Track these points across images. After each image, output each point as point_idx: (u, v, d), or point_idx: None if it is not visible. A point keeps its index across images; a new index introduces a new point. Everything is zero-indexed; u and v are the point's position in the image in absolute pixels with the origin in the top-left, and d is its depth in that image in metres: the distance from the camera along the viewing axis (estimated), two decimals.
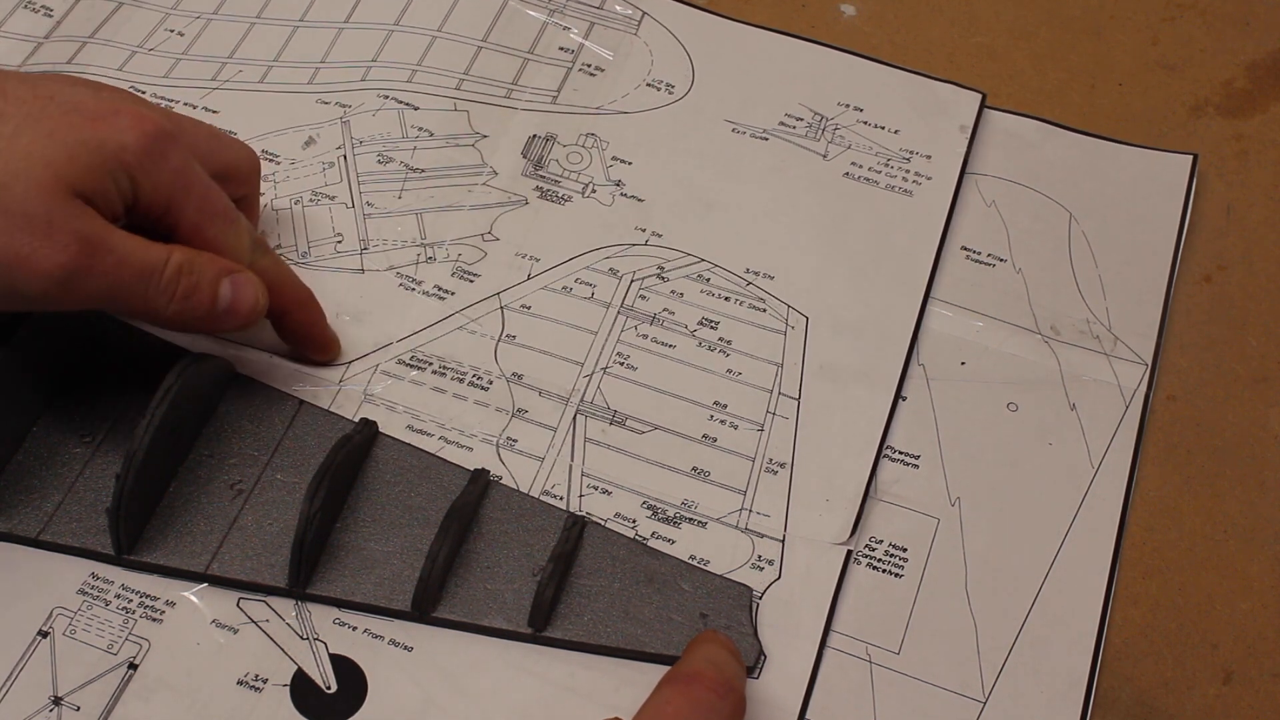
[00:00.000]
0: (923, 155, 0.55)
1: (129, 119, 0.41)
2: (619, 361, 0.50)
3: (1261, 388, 0.51)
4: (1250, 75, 0.59)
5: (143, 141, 0.41)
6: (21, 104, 0.40)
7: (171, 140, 0.42)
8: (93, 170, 0.40)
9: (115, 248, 0.40)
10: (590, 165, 0.55)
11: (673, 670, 0.40)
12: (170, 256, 0.42)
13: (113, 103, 0.41)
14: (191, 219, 0.43)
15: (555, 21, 0.59)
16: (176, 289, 0.42)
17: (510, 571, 0.44)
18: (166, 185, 0.42)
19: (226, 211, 0.44)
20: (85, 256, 0.39)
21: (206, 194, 0.43)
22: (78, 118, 0.40)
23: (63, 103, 0.40)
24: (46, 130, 0.39)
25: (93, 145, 0.40)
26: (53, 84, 0.41)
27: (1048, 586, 0.46)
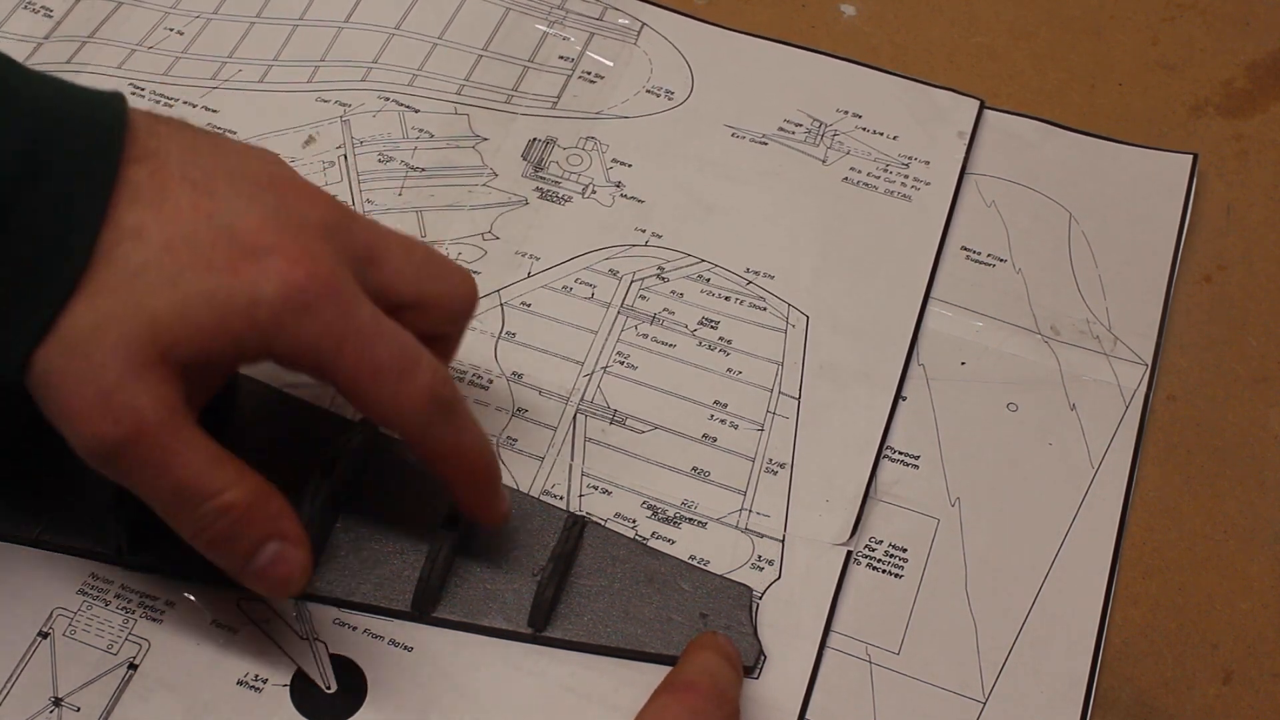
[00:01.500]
0: (921, 161, 0.55)
1: (280, 263, 0.35)
2: (619, 361, 0.50)
3: (1261, 388, 0.51)
4: (1250, 75, 0.59)
5: (283, 295, 0.35)
6: (172, 221, 0.35)
7: (329, 294, 0.36)
8: (203, 329, 0.35)
9: (167, 446, 0.35)
10: (590, 167, 0.55)
11: (669, 678, 0.40)
12: (225, 493, 0.36)
13: (276, 235, 0.36)
14: (347, 377, 0.37)
15: (555, 32, 0.59)
16: (211, 528, 0.37)
17: (510, 571, 0.44)
18: (311, 343, 0.36)
19: (395, 366, 0.37)
20: (128, 442, 0.35)
21: (368, 348, 0.36)
22: (220, 255, 0.35)
23: (217, 226, 0.35)
24: (174, 272, 0.34)
25: (217, 300, 0.35)
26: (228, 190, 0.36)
27: (1048, 586, 0.46)
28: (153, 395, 0.34)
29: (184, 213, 0.35)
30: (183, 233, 0.35)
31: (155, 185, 0.35)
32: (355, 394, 0.37)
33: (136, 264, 0.34)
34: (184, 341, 0.35)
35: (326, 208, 0.38)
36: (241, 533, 0.37)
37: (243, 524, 0.37)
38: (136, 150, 0.35)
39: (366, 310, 0.37)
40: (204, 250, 0.35)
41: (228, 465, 0.37)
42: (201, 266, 0.35)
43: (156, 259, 0.34)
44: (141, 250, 0.34)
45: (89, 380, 0.34)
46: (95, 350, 0.34)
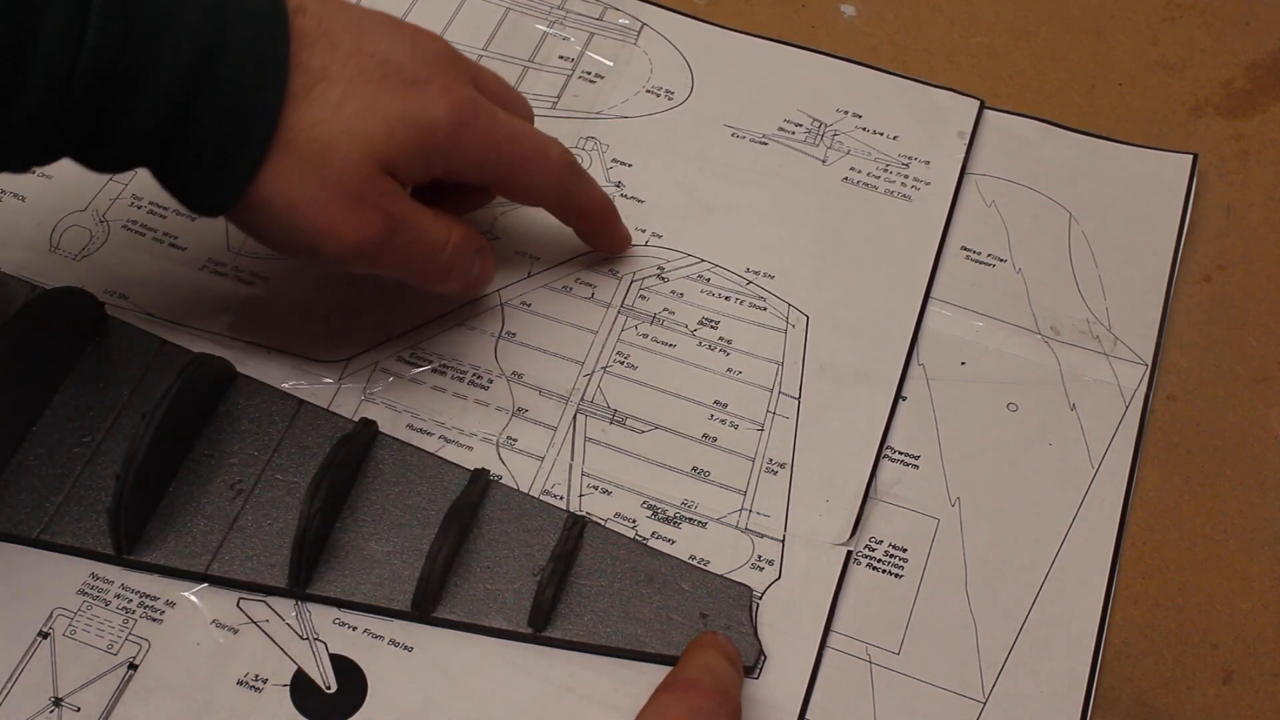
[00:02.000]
0: (921, 161, 0.55)
1: (439, 91, 0.42)
2: (619, 361, 0.50)
3: (1261, 388, 0.51)
4: (1250, 75, 0.59)
5: (452, 116, 0.42)
6: (348, 61, 0.41)
7: (477, 109, 0.43)
8: (405, 148, 0.41)
9: (412, 226, 0.43)
10: (590, 167, 0.55)
11: (670, 677, 0.40)
12: (450, 237, 0.45)
13: (426, 66, 0.42)
14: (505, 174, 0.45)
15: (555, 31, 0.59)
16: (451, 268, 0.45)
17: (510, 571, 0.44)
18: (476, 155, 0.43)
19: (536, 152, 0.45)
20: (388, 233, 0.42)
21: (515, 144, 0.44)
22: (396, 84, 0.41)
23: (382, 62, 0.41)
24: (368, 100, 0.41)
25: (409, 120, 0.41)
26: (374, 33, 0.42)
27: (1048, 586, 0.46)
28: (391, 194, 0.42)
29: (354, 54, 0.41)
30: (360, 69, 0.41)
31: (322, 31, 0.41)
32: (513, 186, 0.46)
33: (335, 98, 0.40)
34: (394, 155, 0.41)
35: (439, 40, 0.45)
36: (466, 260, 0.46)
37: (467, 253, 0.46)
38: (294, 2, 0.41)
39: (502, 115, 0.44)
40: (382, 82, 0.41)
41: (440, 217, 0.45)
42: (387, 95, 0.41)
43: (350, 92, 0.40)
44: (335, 86, 0.40)
45: (336, 198, 0.40)
46: (330, 171, 0.40)
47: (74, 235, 0.52)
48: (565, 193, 0.47)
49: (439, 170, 0.43)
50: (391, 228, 0.42)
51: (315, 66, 0.40)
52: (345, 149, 0.40)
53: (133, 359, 0.48)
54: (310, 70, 0.40)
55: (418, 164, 0.42)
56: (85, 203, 0.53)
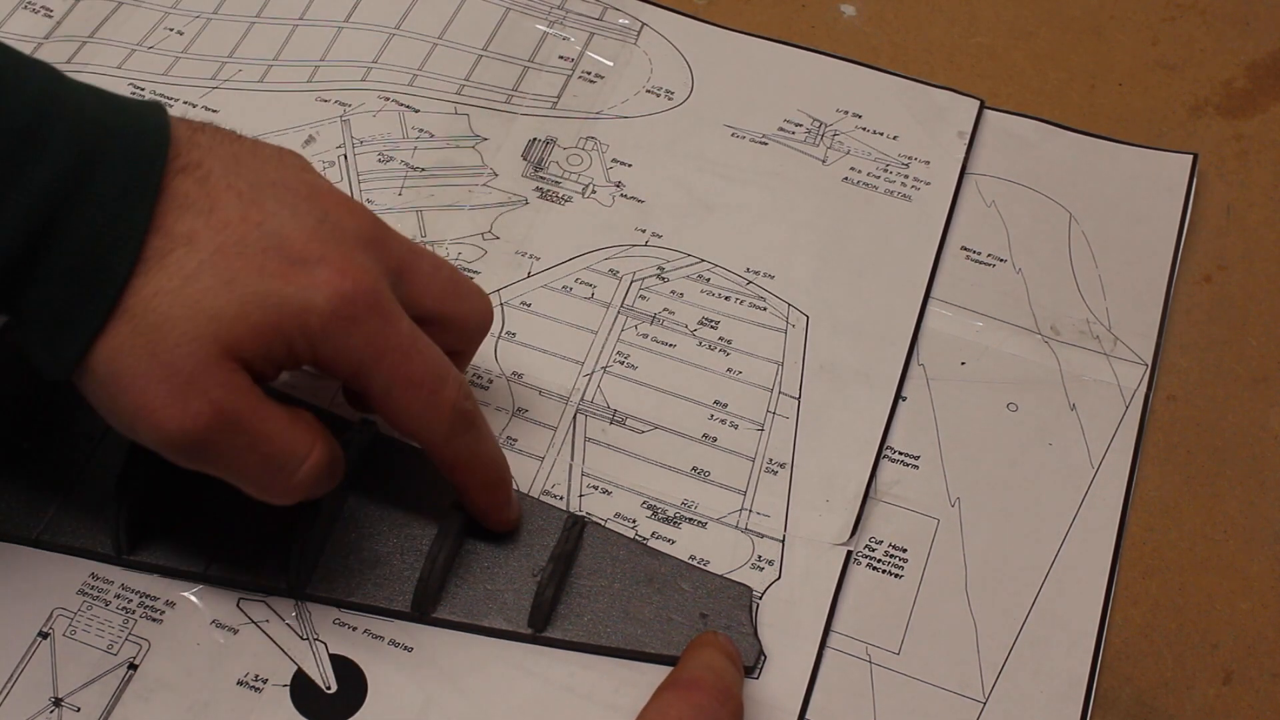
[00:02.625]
0: (921, 161, 0.55)
1: (329, 274, 0.37)
2: (619, 361, 0.50)
3: (1261, 388, 0.51)
4: (1250, 75, 0.59)
5: (333, 305, 0.37)
6: (223, 229, 0.36)
7: (372, 306, 0.38)
8: (261, 331, 0.36)
9: (251, 429, 0.37)
10: (590, 167, 0.55)
11: (672, 676, 0.40)
12: (310, 454, 0.38)
13: (326, 245, 0.37)
14: (381, 387, 0.39)
15: (555, 32, 0.59)
16: (300, 489, 0.39)
17: (510, 572, 0.44)
18: (354, 353, 0.38)
19: (427, 380, 0.39)
20: (215, 430, 0.36)
21: (405, 361, 0.38)
22: (272, 262, 0.36)
23: (267, 234, 0.37)
24: (228, 275, 0.36)
25: (272, 303, 0.36)
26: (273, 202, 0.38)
27: (1048, 586, 0.46)
28: (228, 384, 0.36)
29: (233, 222, 0.37)
30: (234, 239, 0.36)
31: (203, 194, 0.37)
32: (386, 404, 0.39)
33: (191, 268, 0.36)
34: (245, 339, 0.36)
35: (364, 219, 0.40)
36: (323, 482, 0.40)
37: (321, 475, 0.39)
38: (180, 161, 0.37)
39: (405, 324, 0.39)
40: (256, 257, 0.36)
41: (301, 421, 0.39)
42: (255, 271, 0.36)
43: (210, 262, 0.36)
44: (195, 255, 0.36)
45: (162, 376, 0.35)
46: (162, 348, 0.35)
47: None
48: (444, 439, 0.40)
49: (304, 359, 0.38)
50: (221, 426, 0.36)
51: (180, 231, 0.36)
52: (184, 326, 0.35)
53: None
54: (173, 235, 0.36)
55: (276, 351, 0.37)
56: None
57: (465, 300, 0.43)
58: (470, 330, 0.44)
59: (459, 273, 0.43)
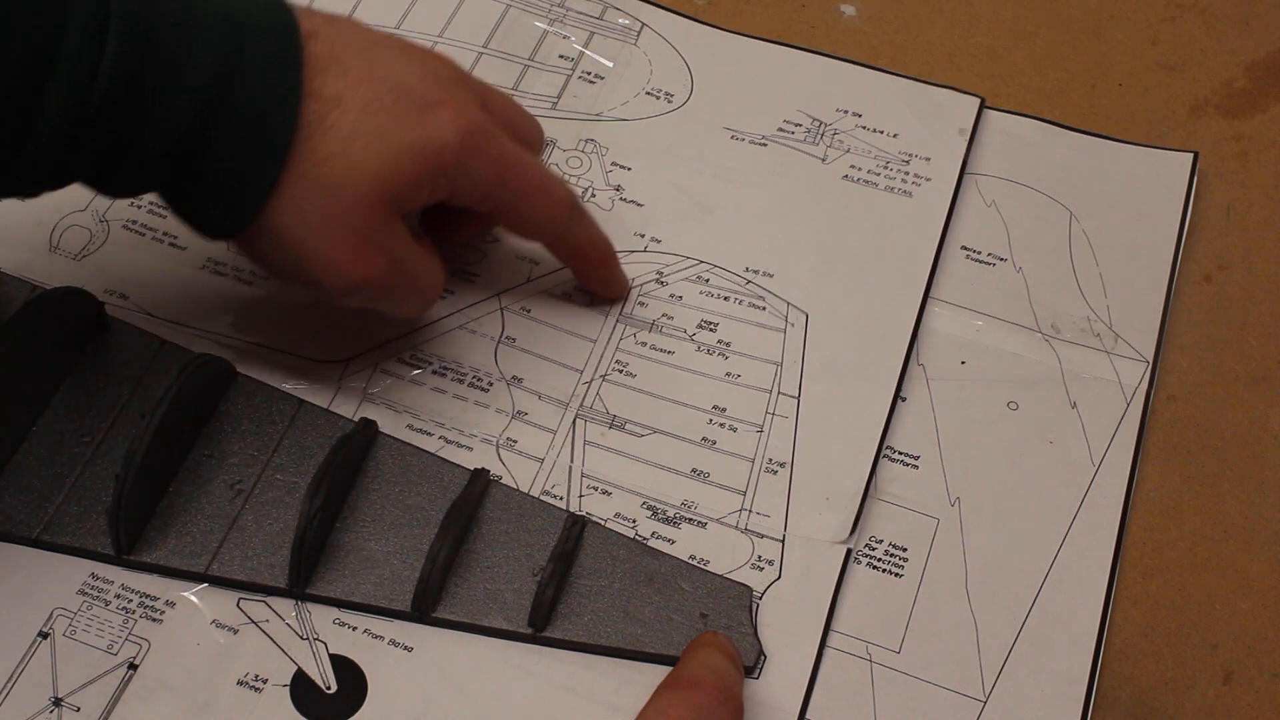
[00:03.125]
0: (921, 158, 0.55)
1: (450, 114, 0.42)
2: (618, 369, 0.50)
3: (1261, 388, 0.51)
4: (1250, 75, 0.59)
5: (461, 140, 0.42)
6: (359, 87, 0.41)
7: (487, 134, 0.43)
8: (413, 178, 0.41)
9: (411, 268, 0.44)
10: (589, 170, 0.55)
11: (672, 675, 0.40)
12: (439, 279, 0.46)
13: (437, 88, 0.42)
14: (509, 201, 0.45)
15: (555, 30, 0.59)
16: (430, 305, 0.46)
17: (510, 572, 0.44)
18: (483, 179, 0.43)
19: (539, 185, 0.45)
20: (389, 274, 0.42)
21: (520, 174, 0.44)
22: (405, 110, 0.41)
23: (394, 86, 0.41)
24: (379, 132, 0.40)
25: (417, 149, 0.41)
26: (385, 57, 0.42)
27: (1048, 586, 0.46)
28: (396, 236, 0.42)
29: (365, 78, 0.41)
30: (372, 95, 0.41)
31: (334, 56, 0.41)
32: (515, 214, 0.46)
33: (347, 130, 0.40)
34: (403, 190, 0.41)
35: (450, 63, 0.45)
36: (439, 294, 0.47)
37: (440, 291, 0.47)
38: (308, 26, 0.41)
39: (512, 145, 0.44)
40: (392, 108, 0.41)
41: (435, 257, 0.45)
42: (395, 122, 0.41)
43: (362, 122, 0.40)
44: (346, 116, 0.40)
45: (344, 234, 0.41)
46: (338, 209, 0.40)
47: (74, 235, 0.52)
48: (565, 230, 0.47)
49: (444, 193, 0.43)
50: (393, 269, 0.43)
51: (328, 93, 0.40)
52: (355, 187, 0.40)
53: (132, 359, 0.48)
54: (323, 97, 0.40)
55: (424, 190, 0.42)
56: (85, 202, 0.53)
57: (525, 122, 0.49)
58: (535, 146, 0.49)
59: (510, 99, 0.49)
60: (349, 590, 0.43)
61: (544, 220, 0.46)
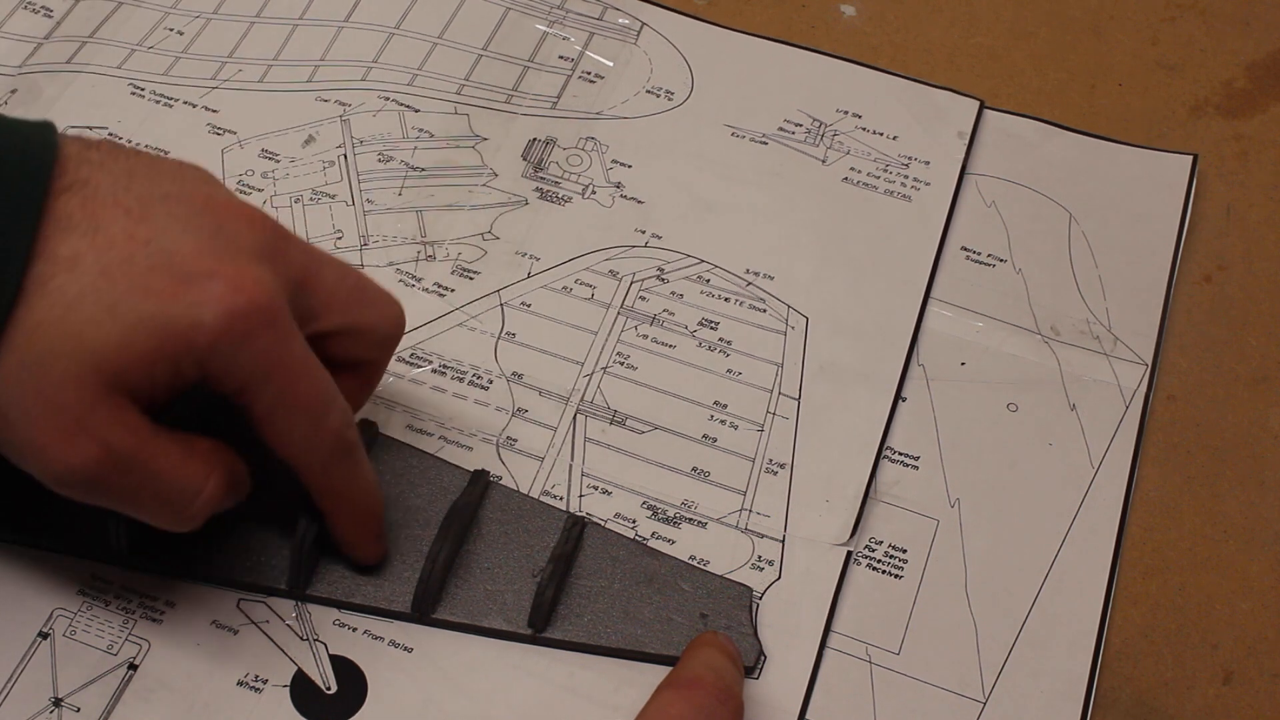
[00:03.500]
0: (921, 161, 0.55)
1: (220, 288, 0.35)
2: (619, 361, 0.50)
3: (1261, 388, 0.51)
4: (1250, 75, 0.59)
5: (223, 322, 0.35)
6: (108, 249, 0.35)
7: (267, 322, 0.36)
8: (147, 359, 0.35)
9: (144, 465, 0.36)
10: (590, 168, 0.55)
11: (672, 675, 0.40)
12: (205, 487, 0.38)
13: (215, 260, 0.36)
14: (265, 408, 0.37)
15: (555, 31, 0.59)
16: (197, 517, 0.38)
17: (510, 573, 0.44)
18: (241, 370, 0.36)
19: (313, 405, 0.38)
20: (104, 470, 0.35)
21: (293, 384, 0.37)
22: (159, 280, 0.35)
23: (155, 251, 0.35)
24: (111, 300, 0.34)
25: (158, 324, 0.34)
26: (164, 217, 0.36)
27: (1048, 586, 0.46)
28: (116, 420, 0.35)
29: (119, 240, 0.35)
30: (119, 259, 0.35)
31: (88, 214, 0.35)
32: (268, 425, 0.38)
33: (73, 295, 0.34)
34: (130, 370, 0.35)
35: (263, 229, 0.38)
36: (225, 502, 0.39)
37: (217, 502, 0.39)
38: (67, 179, 0.35)
39: (298, 345, 0.37)
40: (141, 276, 0.35)
41: (196, 454, 0.38)
42: (140, 293, 0.34)
43: (94, 287, 0.34)
44: (77, 280, 0.34)
45: (48, 415, 0.34)
46: (47, 385, 0.34)
47: None
48: (324, 465, 0.39)
49: (194, 379, 0.36)
50: (111, 464, 0.35)
51: (63, 254, 0.34)
52: (66, 362, 0.34)
53: None
54: (56, 259, 0.34)
55: (162, 375, 0.35)
56: None
57: (373, 308, 0.41)
58: (380, 338, 0.42)
59: (367, 279, 0.42)
60: (349, 591, 0.43)
61: (301, 443, 0.38)
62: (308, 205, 0.53)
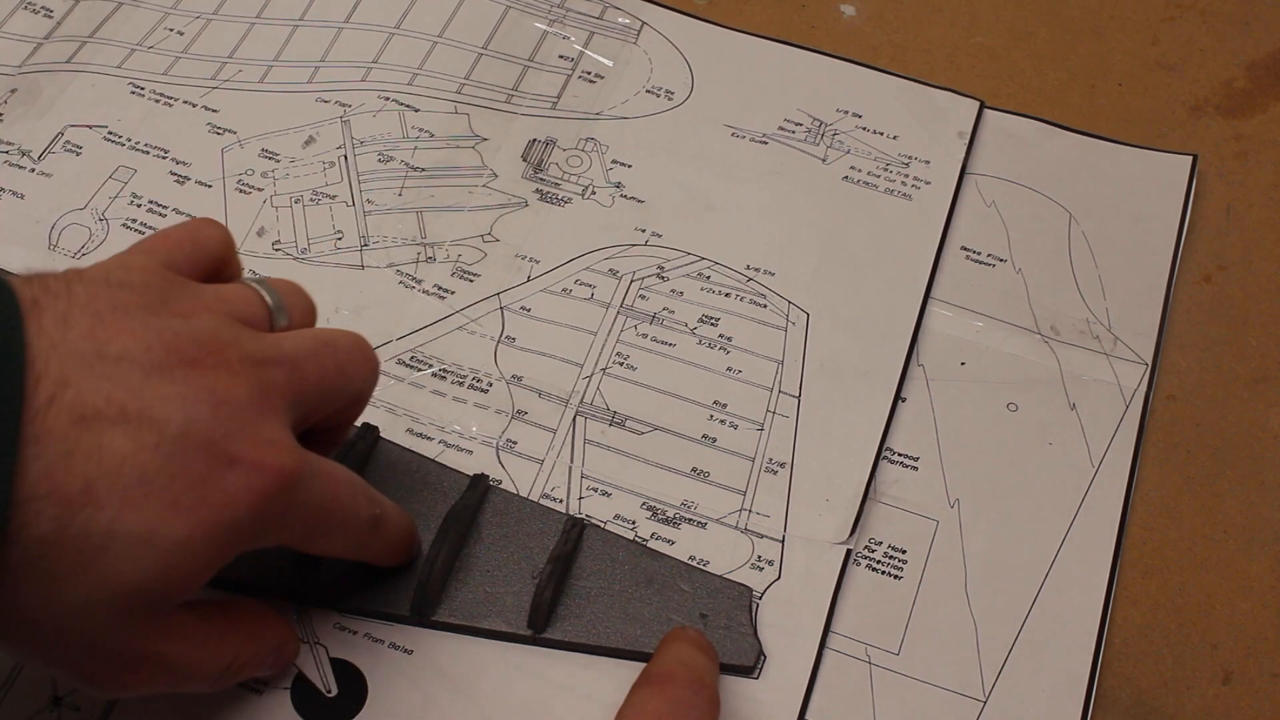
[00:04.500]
0: (921, 161, 0.55)
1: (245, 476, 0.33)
2: (619, 362, 0.50)
3: (1261, 388, 0.51)
4: (1250, 75, 0.59)
5: (259, 509, 0.33)
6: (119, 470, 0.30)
7: (293, 482, 0.34)
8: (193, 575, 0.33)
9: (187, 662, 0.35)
10: (590, 168, 0.55)
11: (645, 672, 0.40)
12: (236, 658, 0.37)
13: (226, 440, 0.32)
14: (306, 543, 0.37)
15: (555, 31, 0.59)
16: (230, 681, 0.38)
17: (509, 574, 0.44)
18: (284, 534, 0.35)
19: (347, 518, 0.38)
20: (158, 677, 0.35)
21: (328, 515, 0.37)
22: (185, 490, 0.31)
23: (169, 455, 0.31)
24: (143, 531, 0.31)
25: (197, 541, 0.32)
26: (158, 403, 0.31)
27: (1048, 586, 0.46)
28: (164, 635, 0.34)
29: (128, 455, 0.31)
30: (136, 479, 0.31)
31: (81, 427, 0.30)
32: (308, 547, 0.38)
33: (100, 535, 0.30)
34: (175, 592, 0.33)
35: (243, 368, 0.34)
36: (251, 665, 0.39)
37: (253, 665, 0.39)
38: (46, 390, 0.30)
39: (319, 475, 0.36)
40: (165, 492, 0.31)
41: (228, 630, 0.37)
42: (170, 513, 0.31)
43: (120, 520, 0.31)
44: (101, 515, 0.30)
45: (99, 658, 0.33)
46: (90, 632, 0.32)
47: (73, 234, 0.52)
48: (363, 545, 0.40)
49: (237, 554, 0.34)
50: (163, 671, 0.35)
51: (74, 489, 0.30)
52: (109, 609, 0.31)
53: None
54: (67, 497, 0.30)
55: (209, 572, 0.33)
56: (84, 201, 0.53)
57: (354, 380, 0.39)
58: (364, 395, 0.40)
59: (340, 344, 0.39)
60: (349, 594, 0.43)
61: (343, 545, 0.39)
62: (308, 206, 0.53)
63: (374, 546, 0.41)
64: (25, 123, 0.55)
